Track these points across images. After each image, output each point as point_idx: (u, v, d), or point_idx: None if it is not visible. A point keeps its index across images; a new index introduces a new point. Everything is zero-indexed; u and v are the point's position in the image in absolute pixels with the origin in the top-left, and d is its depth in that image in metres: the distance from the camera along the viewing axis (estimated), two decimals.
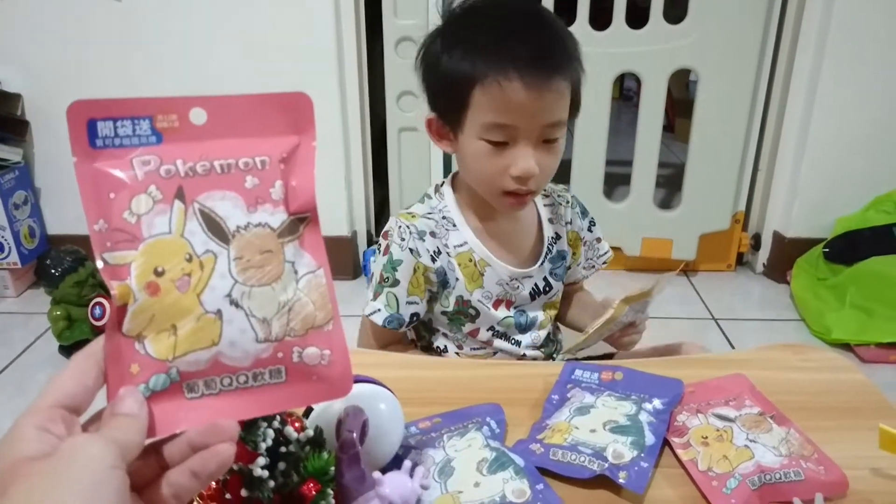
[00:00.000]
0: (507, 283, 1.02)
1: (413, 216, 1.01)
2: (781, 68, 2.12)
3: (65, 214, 2.25)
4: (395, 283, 0.98)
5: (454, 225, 1.01)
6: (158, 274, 0.39)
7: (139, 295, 0.39)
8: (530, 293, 1.04)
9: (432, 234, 0.99)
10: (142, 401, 0.39)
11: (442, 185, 1.06)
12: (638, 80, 2.17)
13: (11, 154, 2.11)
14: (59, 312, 1.82)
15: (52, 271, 1.82)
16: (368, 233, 2.35)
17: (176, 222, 0.39)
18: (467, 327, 1.02)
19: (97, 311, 1.83)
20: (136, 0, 2.00)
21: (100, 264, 0.39)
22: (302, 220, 0.42)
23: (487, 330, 1.03)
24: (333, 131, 2.13)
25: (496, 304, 1.02)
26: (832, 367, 0.84)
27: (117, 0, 1.98)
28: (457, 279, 1.00)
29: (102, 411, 0.39)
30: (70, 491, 0.33)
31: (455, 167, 1.05)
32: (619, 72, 2.14)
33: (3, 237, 2.11)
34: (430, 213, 1.02)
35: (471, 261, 1.00)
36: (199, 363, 0.40)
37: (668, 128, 3.32)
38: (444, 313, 1.03)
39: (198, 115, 0.41)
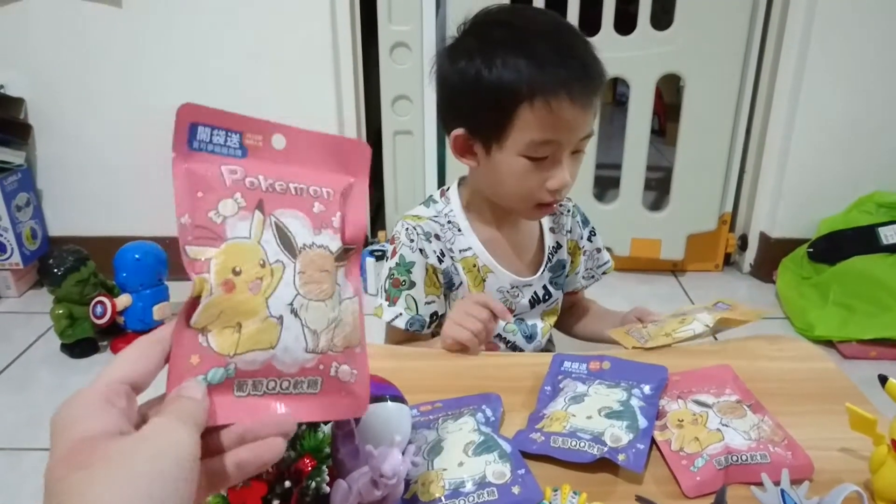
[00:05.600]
0: (508, 291, 1.04)
1: (419, 218, 1.02)
2: (766, 73, 2.16)
3: (66, 216, 2.28)
4: (412, 285, 0.99)
5: (459, 230, 1.02)
6: (236, 273, 0.42)
7: (215, 290, 0.41)
8: (530, 301, 1.07)
9: (437, 236, 1.01)
10: (205, 391, 0.40)
11: (448, 190, 1.07)
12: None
13: (14, 157, 2.14)
14: (61, 311, 1.84)
15: (55, 270, 1.84)
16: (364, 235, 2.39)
17: (255, 229, 0.43)
18: None
19: (98, 309, 1.86)
20: (138, 7, 2.03)
21: (182, 256, 0.42)
22: (349, 250, 0.47)
23: (495, 336, 1.05)
24: None
25: None
26: (805, 357, 0.89)
27: (118, 7, 2.02)
28: (461, 282, 1.03)
29: (156, 400, 0.41)
30: (154, 478, 0.34)
31: (449, 171, 1.08)
32: (607, 77, 2.18)
33: (5, 238, 2.13)
34: (435, 217, 1.03)
35: (474, 266, 1.02)
36: (255, 363, 0.42)
37: (660, 132, 3.37)
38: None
39: (278, 140, 0.45)
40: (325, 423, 0.55)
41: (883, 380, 0.60)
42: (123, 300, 1.90)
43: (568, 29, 0.94)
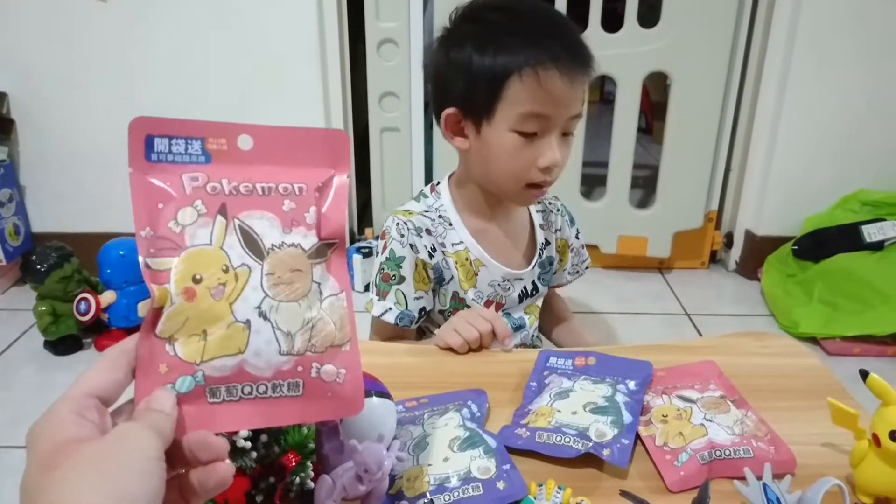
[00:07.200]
0: (500, 285, 1.05)
1: (410, 213, 1.02)
2: (752, 72, 2.17)
3: (49, 212, 2.26)
4: (402, 279, 0.99)
5: (451, 224, 1.03)
6: (196, 281, 0.41)
7: (176, 299, 0.41)
8: (519, 295, 1.07)
9: (428, 231, 1.01)
10: (174, 401, 0.41)
11: (438, 185, 1.07)
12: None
13: None
14: (44, 308, 1.82)
15: (38, 267, 1.82)
16: (351, 231, 2.38)
17: (217, 235, 0.42)
18: None
19: (82, 306, 1.84)
20: (122, 1, 2.01)
21: (142, 268, 0.41)
22: (330, 245, 0.45)
23: None
24: None
25: (486, 305, 1.05)
26: (789, 353, 0.89)
27: (102, 0, 2.00)
28: (452, 276, 1.03)
29: (126, 405, 0.41)
30: (122, 474, 0.35)
31: (437, 168, 1.08)
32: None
33: None
34: (426, 212, 1.03)
35: (467, 259, 1.03)
36: (225, 369, 0.42)
37: (647, 130, 3.39)
38: (441, 311, 1.05)
39: (245, 142, 0.44)
40: None
41: (864, 374, 0.61)
42: (108, 297, 1.88)
43: (559, 13, 0.98)
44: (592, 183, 2.45)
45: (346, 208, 0.46)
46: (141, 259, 0.41)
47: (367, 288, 2.19)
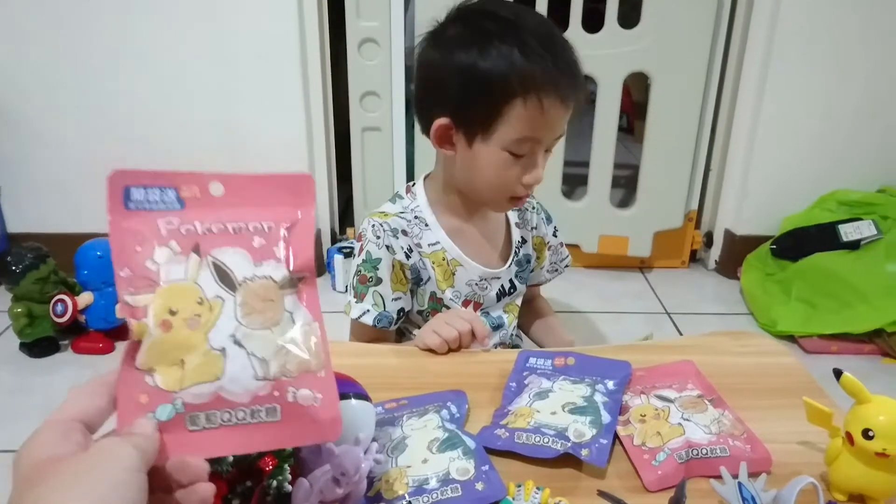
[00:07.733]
0: (477, 284, 1.05)
1: (385, 215, 1.02)
2: (731, 73, 2.19)
3: (26, 212, 2.22)
4: (379, 281, 0.99)
5: (426, 225, 1.03)
6: (172, 313, 0.44)
7: (154, 331, 0.43)
8: (497, 294, 1.08)
9: (404, 232, 1.01)
10: (155, 425, 0.42)
11: (413, 186, 1.07)
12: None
13: None
14: (20, 310, 1.80)
15: (14, 268, 1.80)
16: (332, 231, 2.37)
17: (191, 271, 0.45)
18: None
19: (59, 307, 1.82)
20: (103, 3, 1.99)
21: (120, 304, 0.44)
22: (300, 279, 0.48)
23: None
24: (298, 131, 2.15)
25: (465, 304, 1.05)
26: (766, 352, 0.90)
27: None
28: (429, 277, 1.03)
29: (110, 434, 0.42)
30: (100, 484, 0.36)
31: (418, 167, 1.08)
32: None
33: None
34: (402, 213, 1.03)
35: (444, 259, 1.03)
36: (203, 396, 0.43)
37: (629, 130, 3.40)
38: (419, 312, 1.05)
39: (216, 188, 0.47)
40: None
41: (838, 374, 0.61)
42: (85, 298, 1.86)
43: (556, 29, 0.96)
44: (574, 182, 2.45)
45: (312, 243, 0.49)
46: (119, 295, 0.43)
47: (348, 289, 2.18)
